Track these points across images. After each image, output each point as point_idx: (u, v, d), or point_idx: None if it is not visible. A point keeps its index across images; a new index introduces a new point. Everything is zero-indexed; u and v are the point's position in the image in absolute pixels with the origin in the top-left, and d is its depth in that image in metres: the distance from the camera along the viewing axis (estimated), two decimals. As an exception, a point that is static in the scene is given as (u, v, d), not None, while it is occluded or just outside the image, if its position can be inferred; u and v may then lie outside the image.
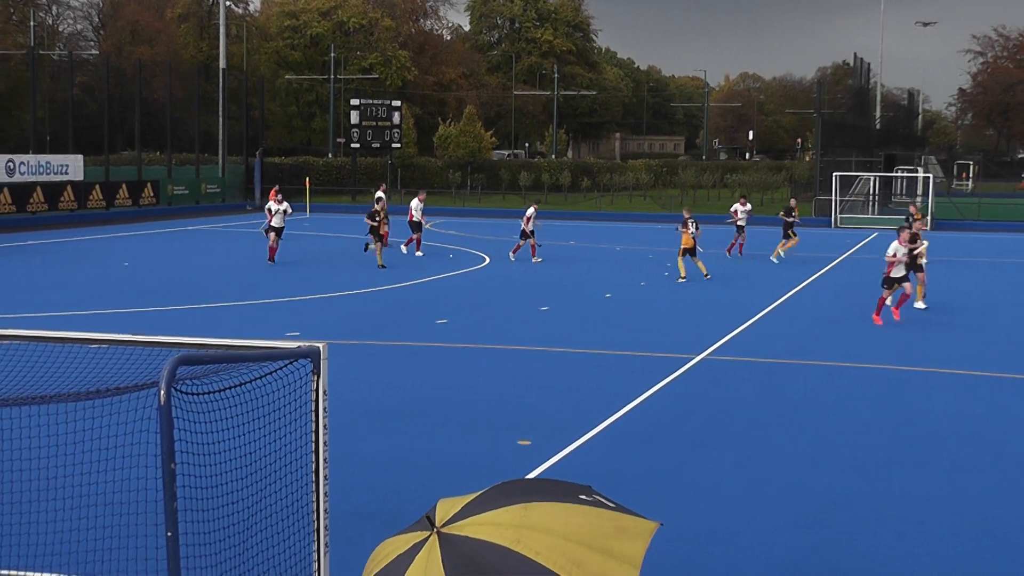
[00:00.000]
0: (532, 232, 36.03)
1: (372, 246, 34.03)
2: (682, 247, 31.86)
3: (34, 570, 8.91)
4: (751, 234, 41.77)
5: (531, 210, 36.21)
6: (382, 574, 4.02)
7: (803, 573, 9.76)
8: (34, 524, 8.73)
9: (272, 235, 33.81)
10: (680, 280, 31.21)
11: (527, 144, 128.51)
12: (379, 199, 36.28)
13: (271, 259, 33.63)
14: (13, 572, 8.89)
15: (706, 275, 31.43)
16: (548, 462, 12.82)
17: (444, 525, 4.02)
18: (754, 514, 11.21)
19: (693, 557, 9.98)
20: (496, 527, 3.95)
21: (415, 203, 38.13)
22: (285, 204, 34.54)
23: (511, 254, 36.83)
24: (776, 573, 9.75)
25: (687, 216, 32.00)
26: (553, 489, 4.28)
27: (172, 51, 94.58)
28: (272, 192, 35.71)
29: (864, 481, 12.43)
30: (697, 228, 31.72)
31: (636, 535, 4.05)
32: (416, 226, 37.87)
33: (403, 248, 37.75)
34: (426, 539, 3.99)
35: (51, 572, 8.86)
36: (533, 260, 35.90)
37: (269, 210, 34.45)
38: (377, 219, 33.81)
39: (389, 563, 4.03)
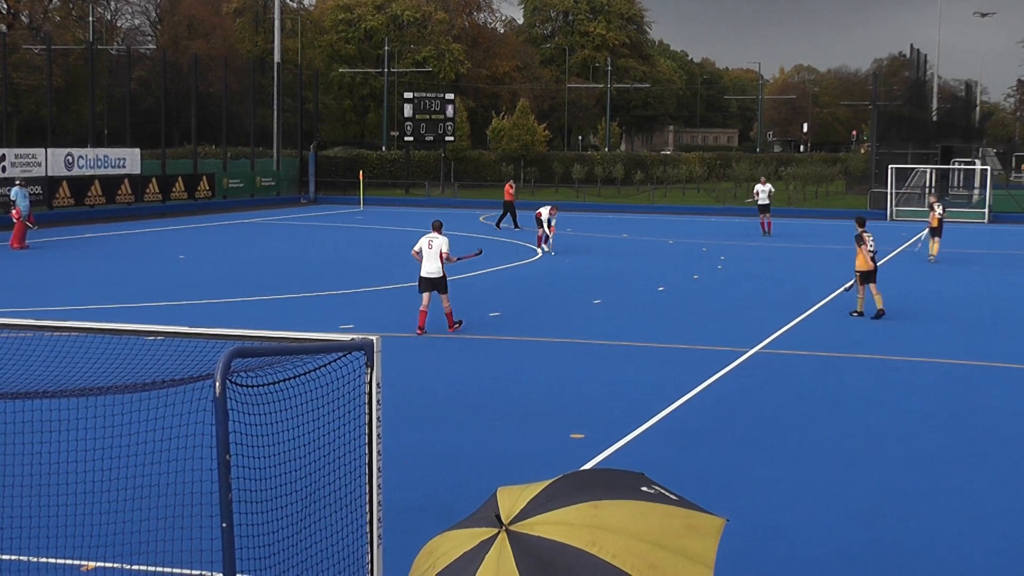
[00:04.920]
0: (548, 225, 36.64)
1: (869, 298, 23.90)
2: (930, 226, 34.74)
3: (90, 560, 8.99)
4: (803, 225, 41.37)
5: (546, 211, 36.65)
6: (449, 571, 3.93)
7: (860, 567, 9.68)
8: (89, 515, 8.80)
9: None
10: (930, 259, 34.56)
11: (580, 137, 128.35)
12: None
13: None
14: (70, 561, 8.98)
15: (933, 258, 34.55)
16: (601, 455, 12.80)
17: (512, 523, 3.93)
18: (810, 509, 11.13)
19: (749, 552, 9.92)
20: (568, 527, 3.88)
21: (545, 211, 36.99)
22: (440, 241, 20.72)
23: (543, 246, 37.16)
24: (833, 567, 9.68)
25: (933, 201, 35.64)
26: (614, 482, 4.21)
27: (228, 45, 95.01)
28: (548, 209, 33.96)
29: (920, 477, 12.30)
30: (944, 210, 35.33)
31: (705, 532, 4.01)
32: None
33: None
34: (494, 536, 3.91)
35: (107, 562, 8.94)
36: (538, 248, 37.05)
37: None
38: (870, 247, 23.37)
39: (455, 560, 3.92)
